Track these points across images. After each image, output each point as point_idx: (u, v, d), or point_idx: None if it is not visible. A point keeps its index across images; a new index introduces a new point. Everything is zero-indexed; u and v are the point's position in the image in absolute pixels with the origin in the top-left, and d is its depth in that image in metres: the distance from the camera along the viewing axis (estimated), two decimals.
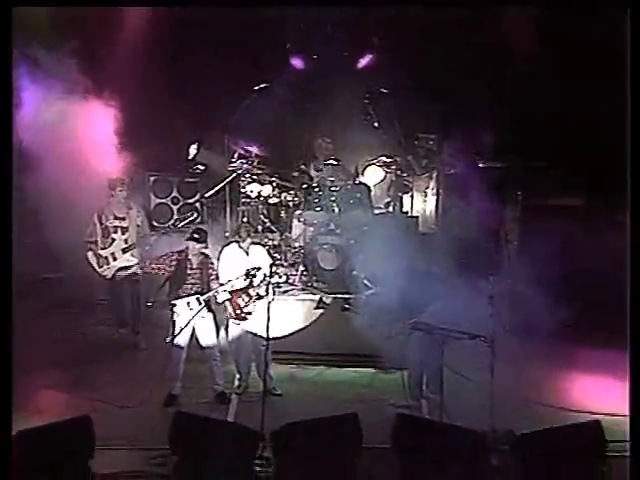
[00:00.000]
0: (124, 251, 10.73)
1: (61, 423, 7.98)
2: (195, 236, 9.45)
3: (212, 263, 9.58)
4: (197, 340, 9.47)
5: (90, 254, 10.72)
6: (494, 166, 12.04)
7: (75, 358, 10.39)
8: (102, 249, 10.72)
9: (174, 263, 9.49)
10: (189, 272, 9.43)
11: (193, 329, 9.42)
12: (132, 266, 10.82)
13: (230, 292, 9.43)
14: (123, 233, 10.75)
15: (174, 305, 9.40)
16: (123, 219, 10.76)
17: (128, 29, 12.36)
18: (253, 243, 9.85)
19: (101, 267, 10.77)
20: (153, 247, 10.71)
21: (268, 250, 10.42)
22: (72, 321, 11.58)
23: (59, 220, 11.09)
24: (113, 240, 10.71)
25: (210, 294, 9.35)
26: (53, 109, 11.41)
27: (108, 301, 11.36)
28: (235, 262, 9.53)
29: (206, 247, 9.68)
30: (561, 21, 11.91)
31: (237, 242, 9.76)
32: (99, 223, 10.72)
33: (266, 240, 11.66)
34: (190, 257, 9.45)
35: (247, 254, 9.61)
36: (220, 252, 9.81)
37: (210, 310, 9.43)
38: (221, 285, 9.38)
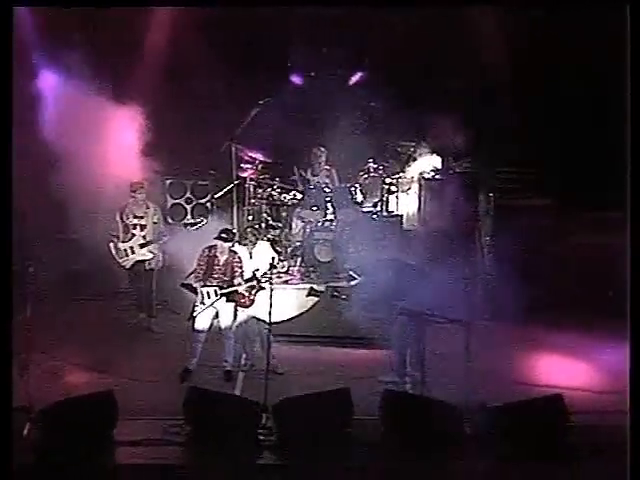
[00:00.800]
0: (141, 246, 10.69)
1: (87, 396, 8.11)
2: (223, 236, 9.43)
3: (239, 260, 9.53)
4: (218, 324, 9.50)
5: (112, 245, 10.71)
6: (469, 171, 12.07)
7: (99, 339, 10.32)
8: (122, 242, 10.70)
9: (205, 258, 9.50)
10: (215, 267, 9.42)
11: (216, 314, 9.45)
12: (148, 260, 10.80)
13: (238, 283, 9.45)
14: (142, 230, 10.70)
15: (199, 293, 9.43)
16: (142, 217, 10.72)
17: (150, 48, 12.33)
18: (258, 240, 9.88)
19: (121, 258, 10.75)
20: (170, 240, 10.78)
21: (272, 244, 10.42)
22: (98, 307, 11.51)
23: (86, 217, 11.11)
24: (133, 235, 10.67)
25: (231, 289, 9.35)
26: (84, 113, 11.36)
27: (127, 289, 11.32)
28: (243, 256, 9.57)
29: (233, 245, 9.64)
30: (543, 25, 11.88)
31: (242, 243, 9.82)
32: (120, 220, 10.71)
33: (269, 236, 11.65)
34: (217, 254, 9.46)
35: (251, 257, 9.63)
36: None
37: (230, 300, 9.42)
38: (247, 281, 9.37)
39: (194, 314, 9.40)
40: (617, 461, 7.31)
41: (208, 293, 9.39)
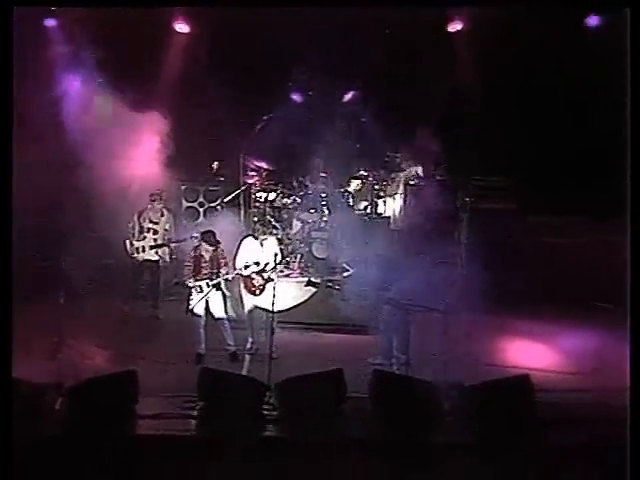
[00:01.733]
0: (151, 248, 10.67)
1: (111, 375, 8.11)
2: (205, 238, 9.50)
3: (222, 255, 9.55)
4: (210, 312, 9.51)
5: (127, 242, 10.69)
6: (448, 178, 12.09)
7: (118, 326, 10.32)
8: (136, 241, 10.69)
9: (192, 258, 9.55)
10: (203, 264, 9.47)
11: (207, 303, 9.46)
12: (155, 260, 10.77)
13: (246, 275, 9.45)
14: (154, 234, 10.69)
15: (191, 287, 9.46)
16: (156, 223, 10.71)
17: (168, 71, 12.34)
18: (267, 234, 9.88)
19: (133, 254, 10.73)
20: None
21: (279, 240, 10.42)
22: (118, 297, 11.34)
23: (111, 217, 11.05)
24: (145, 237, 10.68)
25: (218, 280, 9.36)
26: (108, 118, 11.36)
27: (133, 283, 11.18)
28: (250, 250, 9.55)
29: (217, 244, 9.60)
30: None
31: (253, 236, 9.78)
32: (138, 222, 10.71)
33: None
34: (203, 253, 9.50)
35: (262, 245, 9.61)
36: (240, 242, 9.78)
37: (219, 289, 9.42)
38: (234, 270, 9.41)
39: (189, 307, 9.43)
40: (577, 432, 7.52)
41: (200, 287, 9.41)
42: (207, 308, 9.51)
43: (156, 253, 10.77)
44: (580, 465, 7.09)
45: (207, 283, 9.42)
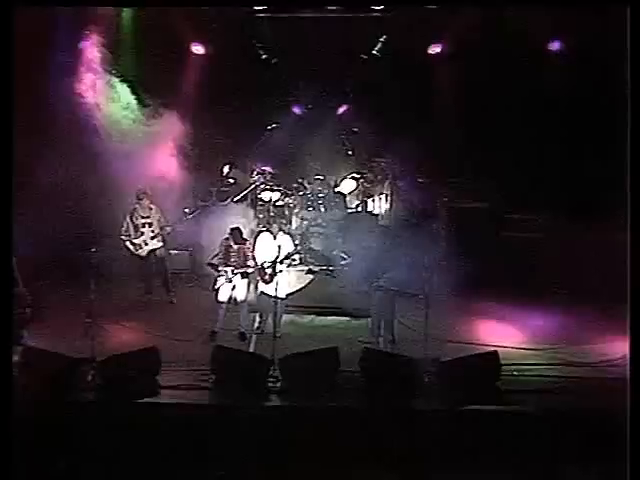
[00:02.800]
0: (152, 238, 10.45)
1: (136, 350, 8.12)
2: (233, 235, 9.39)
3: (248, 247, 9.46)
4: (235, 296, 9.36)
5: (128, 243, 10.41)
6: (428, 181, 12.13)
7: (138, 307, 10.32)
8: (135, 238, 10.41)
9: (223, 246, 9.43)
10: (231, 252, 9.35)
11: (233, 287, 9.33)
12: (159, 248, 10.54)
13: (260, 266, 9.41)
14: (150, 227, 10.42)
15: (218, 271, 9.36)
16: (148, 217, 10.43)
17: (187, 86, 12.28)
18: (281, 231, 9.79)
19: (137, 251, 10.46)
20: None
21: (292, 237, 10.37)
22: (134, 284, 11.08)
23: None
24: (143, 233, 10.41)
25: (242, 270, 9.27)
26: (140, 129, 11.24)
27: (141, 274, 10.87)
28: (266, 245, 9.49)
29: (243, 240, 9.50)
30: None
31: (269, 231, 9.72)
32: (130, 221, 10.41)
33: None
34: (231, 243, 9.38)
35: (275, 238, 9.53)
36: (256, 236, 9.75)
37: (244, 277, 9.34)
38: (256, 264, 9.35)
39: (216, 286, 9.35)
40: (537, 400, 7.58)
41: (226, 271, 9.34)
42: (232, 292, 9.34)
43: (158, 240, 10.51)
44: (536, 427, 7.19)
45: (232, 270, 9.29)
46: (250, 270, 9.34)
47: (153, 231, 10.47)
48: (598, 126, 10.90)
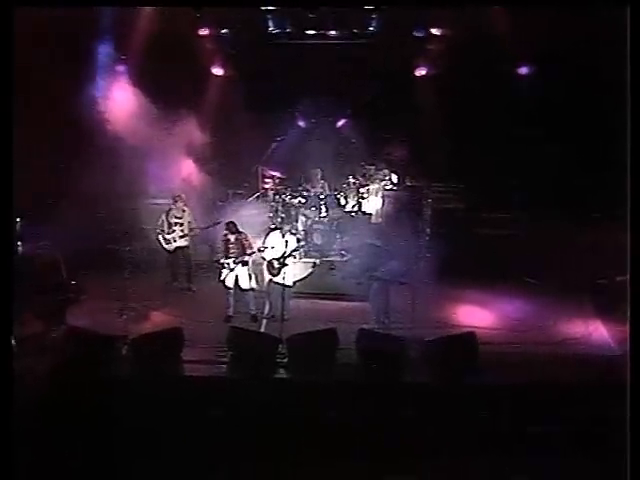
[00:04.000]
0: (180, 237, 10.39)
1: (162, 330, 8.21)
2: (228, 227, 9.37)
3: (245, 238, 9.32)
4: (239, 285, 9.30)
5: (160, 237, 10.40)
6: (414, 184, 12.12)
7: (164, 294, 10.15)
8: (167, 234, 10.38)
9: (222, 241, 9.40)
10: (229, 245, 9.30)
11: (236, 277, 9.26)
12: (185, 246, 10.48)
13: (268, 260, 9.32)
14: (180, 226, 10.39)
15: (222, 264, 9.31)
16: (180, 218, 10.41)
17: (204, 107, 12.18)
18: (288, 230, 9.71)
19: (166, 245, 10.43)
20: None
21: (297, 234, 10.33)
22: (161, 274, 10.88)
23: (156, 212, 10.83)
24: (174, 230, 10.36)
25: (241, 259, 9.19)
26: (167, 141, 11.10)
27: (168, 265, 10.73)
28: (275, 241, 9.37)
29: (238, 231, 9.38)
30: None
31: (278, 229, 9.69)
32: (166, 219, 10.41)
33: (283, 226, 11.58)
34: (229, 237, 9.34)
35: (283, 236, 9.39)
36: (267, 234, 9.59)
37: (244, 265, 9.24)
38: (259, 251, 9.25)
39: (221, 278, 9.31)
40: (507, 375, 7.59)
41: (228, 263, 9.25)
42: (236, 281, 9.33)
43: (185, 240, 10.48)
44: (505, 395, 7.23)
45: (234, 261, 9.24)
46: (247, 258, 9.23)
47: (183, 230, 10.44)
48: (559, 137, 10.85)
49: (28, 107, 8.23)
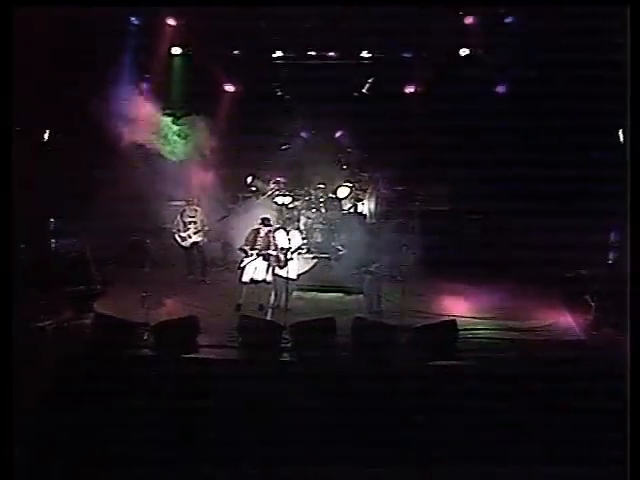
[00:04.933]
0: (195, 234, 10.37)
1: (180, 318, 8.19)
2: (263, 221, 9.36)
3: (274, 236, 9.30)
4: (254, 276, 9.14)
5: (176, 236, 10.39)
6: (403, 188, 12.10)
7: (180, 286, 10.10)
8: (183, 232, 10.37)
9: (252, 234, 9.32)
10: (258, 239, 9.23)
11: (255, 268, 9.14)
12: (199, 241, 10.45)
13: (277, 255, 9.27)
14: (194, 224, 10.37)
15: (245, 252, 9.18)
16: (193, 217, 10.40)
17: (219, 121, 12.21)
18: (292, 228, 9.77)
19: (182, 242, 10.42)
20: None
21: (300, 232, 10.33)
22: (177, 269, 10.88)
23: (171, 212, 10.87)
24: (189, 228, 10.36)
25: (265, 252, 9.11)
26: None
27: (184, 260, 10.73)
28: (281, 238, 9.37)
29: (271, 226, 9.41)
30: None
31: (283, 228, 9.68)
32: (180, 219, 10.41)
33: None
34: (260, 231, 9.28)
35: (287, 234, 9.44)
36: (275, 231, 9.53)
37: (266, 259, 9.13)
38: (281, 249, 9.14)
39: (241, 265, 9.18)
40: (484, 357, 7.63)
41: (252, 254, 9.16)
42: (253, 272, 9.12)
43: (199, 235, 10.46)
44: (483, 376, 7.24)
45: (258, 253, 9.12)
46: (272, 252, 9.13)
47: (196, 228, 10.43)
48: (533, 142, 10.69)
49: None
